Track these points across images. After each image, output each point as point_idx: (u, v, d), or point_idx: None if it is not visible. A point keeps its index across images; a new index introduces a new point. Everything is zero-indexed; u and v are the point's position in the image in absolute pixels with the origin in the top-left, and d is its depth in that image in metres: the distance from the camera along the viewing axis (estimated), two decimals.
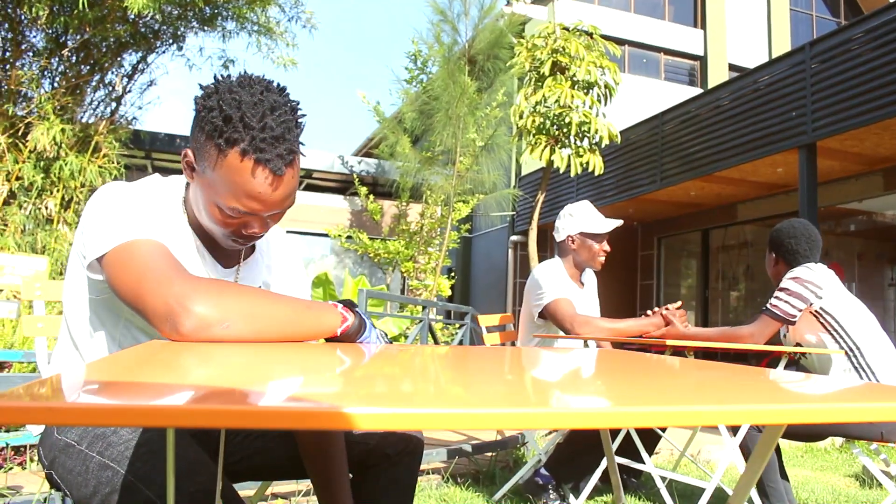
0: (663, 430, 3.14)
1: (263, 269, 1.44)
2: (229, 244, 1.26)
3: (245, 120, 1.09)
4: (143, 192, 1.23)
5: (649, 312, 3.05)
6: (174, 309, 1.00)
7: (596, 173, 8.01)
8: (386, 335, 1.23)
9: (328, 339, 1.17)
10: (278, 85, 1.17)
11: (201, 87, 1.15)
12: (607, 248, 3.14)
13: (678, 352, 2.61)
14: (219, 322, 1.00)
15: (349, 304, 1.19)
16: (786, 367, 2.75)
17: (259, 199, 1.14)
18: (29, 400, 0.49)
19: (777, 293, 2.76)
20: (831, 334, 2.72)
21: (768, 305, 2.76)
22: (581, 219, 3.10)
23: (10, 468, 3.04)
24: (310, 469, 1.36)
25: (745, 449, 2.57)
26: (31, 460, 3.13)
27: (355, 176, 11.89)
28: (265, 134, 1.10)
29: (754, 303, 11.31)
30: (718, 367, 1.03)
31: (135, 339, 1.29)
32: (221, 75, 1.16)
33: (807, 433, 2.63)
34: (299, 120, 1.17)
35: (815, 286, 2.70)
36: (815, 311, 2.73)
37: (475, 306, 8.07)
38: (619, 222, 3.14)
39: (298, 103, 1.18)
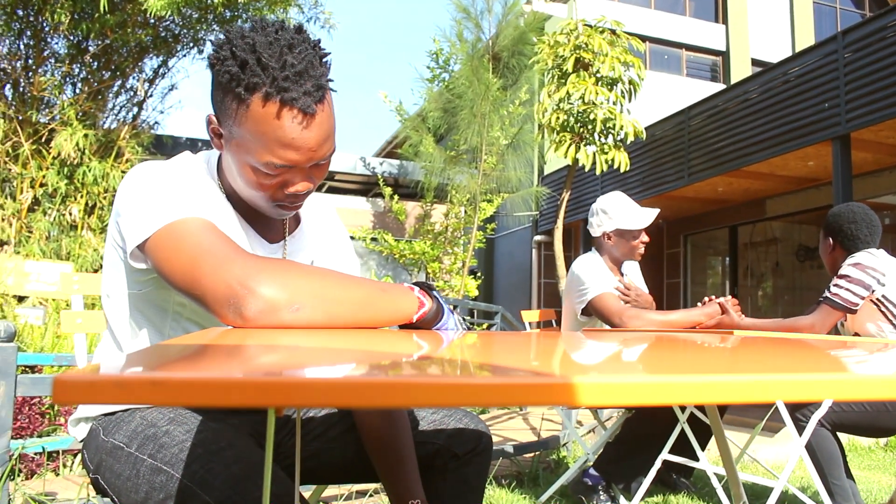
0: None
1: (311, 243, 1.33)
2: (276, 212, 1.14)
3: (263, 61, 0.97)
4: (179, 169, 1.12)
5: (699, 304, 2.92)
6: (237, 291, 0.89)
7: (621, 170, 7.87)
8: (465, 321, 1.11)
9: (401, 326, 1.05)
10: (296, 24, 1.05)
11: (213, 42, 1.03)
12: (646, 238, 2.99)
13: None
14: (288, 305, 0.89)
15: (426, 287, 1.07)
16: None
17: (293, 145, 1.01)
18: (120, 373, 0.39)
19: (837, 280, 2.61)
20: (894, 324, 2.58)
21: (828, 294, 2.61)
22: (617, 216, 2.94)
23: (45, 474, 2.98)
24: (378, 463, 1.26)
25: (811, 448, 2.44)
26: (65, 466, 3.06)
27: (379, 177, 11.82)
28: (287, 72, 0.97)
29: (783, 300, 11.10)
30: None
31: (185, 332, 1.20)
32: (232, 26, 1.04)
33: (879, 427, 2.49)
34: (323, 58, 1.04)
35: (878, 272, 2.56)
36: (877, 299, 2.59)
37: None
38: (656, 212, 2.99)
39: (319, 41, 1.05)
